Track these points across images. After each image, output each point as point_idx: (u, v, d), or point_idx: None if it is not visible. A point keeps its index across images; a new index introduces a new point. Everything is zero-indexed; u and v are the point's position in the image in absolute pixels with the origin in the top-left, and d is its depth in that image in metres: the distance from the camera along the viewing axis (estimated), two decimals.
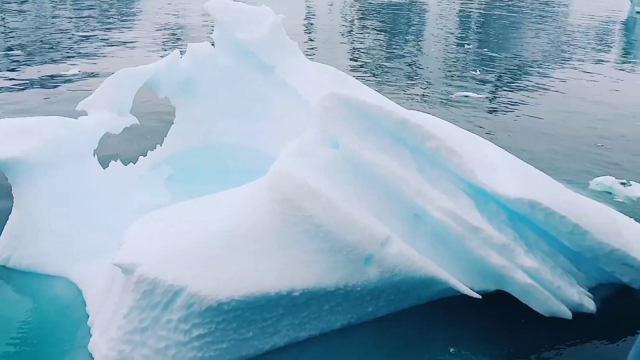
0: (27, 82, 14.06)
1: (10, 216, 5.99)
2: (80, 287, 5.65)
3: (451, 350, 5.15)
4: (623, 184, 9.09)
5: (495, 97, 14.94)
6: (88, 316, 5.21)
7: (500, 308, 5.58)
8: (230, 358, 4.68)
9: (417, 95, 14.81)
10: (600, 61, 20.86)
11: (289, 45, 9.01)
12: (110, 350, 4.50)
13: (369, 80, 15.83)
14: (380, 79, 16.41)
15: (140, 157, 8.05)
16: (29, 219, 5.86)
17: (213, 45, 8.98)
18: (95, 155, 6.80)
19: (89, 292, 5.45)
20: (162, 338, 4.49)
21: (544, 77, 17.68)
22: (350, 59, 19.22)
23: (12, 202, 5.96)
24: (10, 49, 18.07)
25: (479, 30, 28.79)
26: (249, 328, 4.71)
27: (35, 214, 5.86)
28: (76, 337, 4.99)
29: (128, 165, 7.67)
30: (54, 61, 16.52)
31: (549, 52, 22.54)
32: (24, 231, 5.88)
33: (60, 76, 14.76)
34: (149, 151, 8.33)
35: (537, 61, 20.26)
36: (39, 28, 21.81)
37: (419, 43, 23.70)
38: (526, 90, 15.78)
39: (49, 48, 18.47)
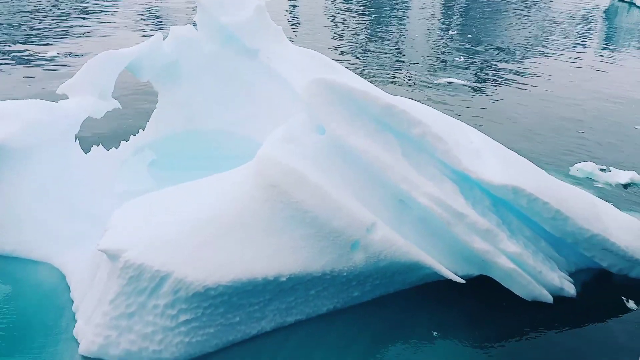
0: (4, 64, 13.70)
1: None
2: (63, 273, 5.58)
3: (434, 334, 5.24)
4: (603, 170, 9.26)
5: (478, 83, 15.03)
6: (72, 302, 5.16)
7: (483, 292, 5.68)
8: (217, 343, 4.69)
9: (402, 80, 14.82)
10: (582, 48, 21.11)
11: (273, 30, 8.90)
12: (97, 336, 4.47)
13: (353, 66, 15.79)
14: (364, 64, 16.37)
15: (123, 142, 7.94)
16: (10, 205, 5.75)
17: (196, 28, 8.84)
18: (77, 140, 6.69)
19: (73, 278, 5.39)
20: (148, 323, 4.48)
21: (527, 64, 17.84)
22: (335, 44, 19.12)
23: None
24: None
25: (463, 16, 28.84)
26: (236, 313, 4.72)
27: (17, 200, 5.75)
28: (60, 323, 4.95)
29: (110, 150, 7.56)
30: (31, 43, 16.09)
31: (531, 39, 22.72)
32: (5, 217, 5.77)
33: (38, 58, 14.41)
34: (132, 136, 8.22)
35: (520, 48, 20.41)
36: (16, 8, 21.21)
37: (403, 29, 23.66)
38: (509, 76, 15.91)
39: (26, 29, 17.98)
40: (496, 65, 17.47)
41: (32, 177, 5.86)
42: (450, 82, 14.77)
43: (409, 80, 14.94)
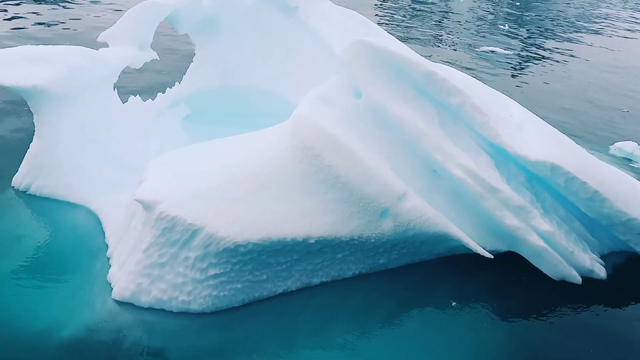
0: (48, 9, 13.81)
1: (31, 145, 6.03)
2: (99, 218, 5.75)
3: (457, 304, 5.25)
4: None
5: (521, 54, 14.52)
6: (107, 247, 5.33)
7: (510, 269, 5.63)
8: (244, 298, 4.80)
9: (444, 47, 14.42)
10: (635, 30, 20.04)
11: None
12: (129, 283, 4.63)
13: (393, 29, 15.39)
14: (405, 29, 15.95)
15: (159, 94, 7.99)
16: (50, 149, 5.90)
17: None
18: (115, 89, 6.76)
19: (108, 224, 5.55)
20: (179, 274, 4.61)
21: (575, 37, 17.10)
22: (376, 6, 18.62)
23: (24, 131, 5.89)
24: None
25: None
26: (264, 271, 4.81)
27: (57, 144, 5.89)
28: (95, 267, 5.13)
29: (147, 101, 7.63)
30: None
31: (583, 11, 21.66)
32: (45, 161, 5.93)
33: (80, 4, 14.47)
34: (168, 89, 8.25)
35: (569, 19, 19.54)
36: None
37: None
38: (555, 50, 15.30)
39: None
40: (542, 36, 16.81)
41: (73, 122, 5.98)
42: (493, 51, 14.30)
43: (451, 47, 14.53)
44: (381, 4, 18.77)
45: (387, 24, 15.95)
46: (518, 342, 4.94)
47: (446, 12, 18.87)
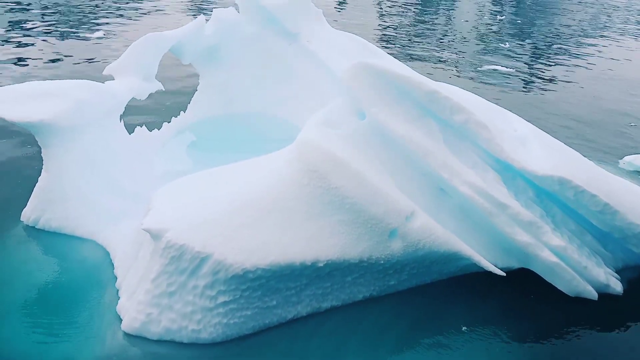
0: (54, 45, 14.10)
1: (39, 178, 6.08)
2: (107, 250, 5.75)
3: (471, 326, 5.15)
4: None
5: (524, 71, 14.57)
6: (116, 279, 5.31)
7: (523, 286, 5.55)
8: (254, 325, 4.75)
9: (445, 66, 14.51)
10: (637, 40, 20.11)
11: (314, 12, 8.83)
12: (139, 313, 4.59)
13: (394, 50, 15.55)
14: (406, 49, 16.10)
15: (165, 124, 8.07)
16: (58, 182, 5.94)
17: (238, 11, 8.85)
18: (122, 121, 6.83)
19: (117, 256, 5.54)
20: (188, 303, 4.57)
21: (577, 53, 17.14)
22: (376, 29, 18.85)
23: (32, 165, 5.94)
24: (33, 12, 18.08)
25: (515, 0, 27.89)
26: (273, 297, 4.76)
27: (64, 177, 5.94)
28: (104, 299, 5.11)
29: (152, 131, 7.70)
30: (80, 25, 16.51)
31: (585, 27, 21.80)
32: (53, 194, 5.97)
33: (86, 39, 14.77)
34: (173, 118, 8.33)
35: (572, 36, 19.64)
36: None
37: (449, 13, 23.09)
38: (558, 65, 15.34)
39: (74, 13, 18.44)
40: (544, 52, 16.89)
41: (79, 155, 6.03)
42: (495, 70, 14.37)
43: (453, 66, 14.62)
44: (382, 27, 19.00)
45: (387, 46, 16.11)
46: None
47: (446, 31, 19.06)
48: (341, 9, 22.13)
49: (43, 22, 16.63)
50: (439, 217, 5.40)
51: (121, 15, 18.13)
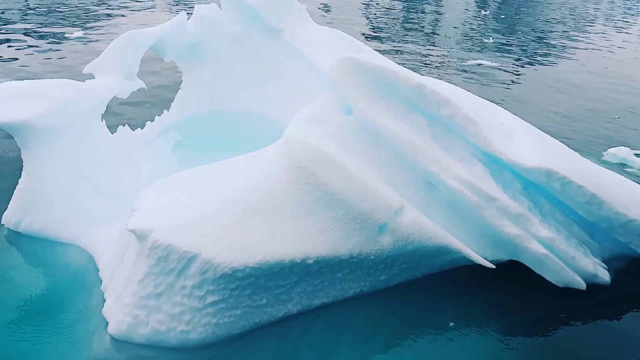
0: (32, 44, 13.83)
1: (20, 180, 5.92)
2: (91, 254, 5.62)
3: (462, 319, 5.15)
4: (638, 155, 8.95)
5: (509, 66, 14.65)
6: (101, 282, 5.20)
7: (513, 278, 5.56)
8: (244, 324, 4.68)
9: (431, 61, 14.53)
10: (623, 33, 20.36)
11: (297, 8, 8.77)
12: (126, 316, 4.49)
13: (379, 46, 15.54)
14: (392, 45, 16.09)
15: (148, 123, 7.94)
16: (39, 184, 5.79)
17: (220, 7, 8.74)
18: (103, 120, 6.69)
19: (101, 258, 5.43)
20: (176, 304, 4.48)
21: (562, 46, 17.30)
22: (361, 25, 18.83)
23: (13, 167, 5.80)
24: (11, 12, 17.72)
25: None
26: (263, 295, 4.70)
27: (46, 179, 5.79)
28: (90, 303, 4.99)
29: (136, 130, 7.57)
30: (58, 24, 16.21)
31: (569, 21, 22.02)
32: (34, 196, 5.82)
33: (65, 38, 14.50)
34: (157, 116, 8.21)
35: (556, 30, 19.82)
36: None
37: (435, 9, 23.15)
38: (542, 58, 15.47)
39: (52, 11, 18.11)
40: (528, 46, 17.02)
41: (61, 156, 5.88)
42: (480, 64, 14.43)
43: (439, 61, 14.65)
44: (367, 23, 18.99)
45: (373, 42, 16.10)
46: (527, 356, 4.84)
47: (432, 27, 19.10)
48: (326, 7, 22.07)
49: (21, 22, 16.31)
50: (428, 211, 5.38)
51: (101, 15, 17.86)
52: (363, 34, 17.25)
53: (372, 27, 18.72)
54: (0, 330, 4.65)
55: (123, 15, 17.83)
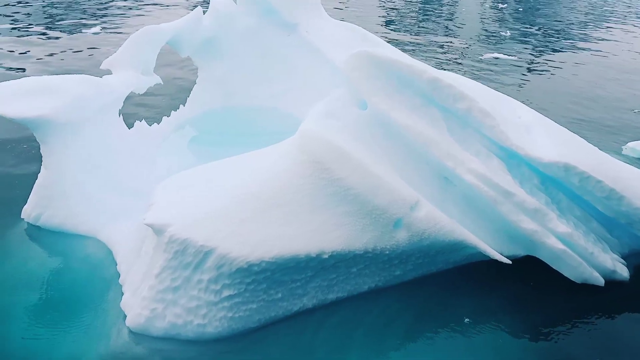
0: (51, 40, 13.99)
1: (39, 175, 6.01)
2: (109, 247, 5.70)
3: (478, 315, 5.12)
4: None
5: (527, 59, 14.45)
6: (119, 275, 5.27)
7: (530, 273, 5.51)
8: (260, 319, 4.71)
9: (447, 55, 14.40)
10: None
11: (312, 3, 8.73)
12: (143, 309, 4.55)
13: (395, 40, 15.44)
14: (407, 39, 15.97)
15: (164, 118, 7.99)
16: (58, 179, 5.87)
17: (235, 2, 8.74)
18: (121, 115, 6.76)
19: (119, 252, 5.50)
20: (193, 297, 4.53)
21: (581, 40, 17.00)
22: (376, 18, 18.71)
23: (32, 162, 5.89)
24: (29, 9, 17.95)
25: None
26: (278, 289, 4.72)
27: (64, 173, 5.87)
28: (108, 296, 5.06)
29: (152, 125, 7.63)
30: (76, 20, 16.38)
31: (589, 14, 21.62)
32: (53, 190, 5.91)
33: (83, 34, 14.65)
34: (172, 112, 8.26)
35: (575, 23, 19.49)
36: None
37: (451, 3, 22.91)
38: (561, 52, 15.23)
39: (71, 7, 18.30)
40: (546, 40, 16.77)
41: (79, 151, 5.96)
42: (497, 57, 14.26)
43: (455, 55, 14.51)
44: (383, 17, 18.86)
45: (388, 36, 16.00)
46: (543, 353, 4.80)
47: (449, 20, 18.92)
48: (341, 0, 21.98)
49: (40, 18, 16.51)
50: (444, 206, 5.35)
51: (118, 11, 18.00)
52: (378, 27, 17.15)
53: (387, 20, 18.60)
54: (20, 322, 4.74)
55: (139, 10, 17.95)
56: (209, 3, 8.65)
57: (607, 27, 19.44)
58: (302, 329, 4.79)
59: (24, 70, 11.40)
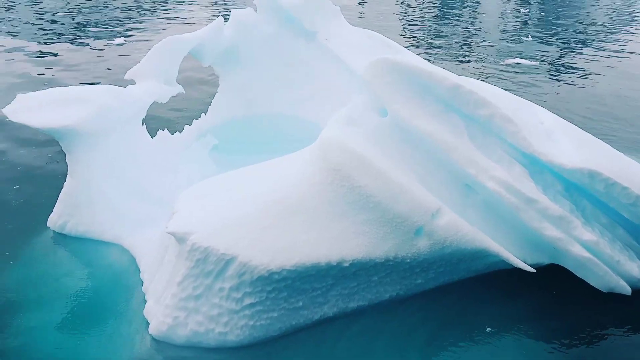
0: (77, 52, 14.32)
1: (65, 184, 6.15)
2: (133, 255, 5.78)
3: (501, 324, 5.04)
4: None
5: (549, 65, 14.27)
6: (142, 283, 5.34)
7: (554, 282, 5.41)
8: (281, 327, 4.72)
9: (467, 61, 14.31)
10: None
11: (332, 10, 8.77)
12: (166, 317, 4.61)
13: (415, 46, 15.39)
14: (428, 45, 15.92)
15: (186, 127, 8.10)
16: (83, 187, 6.00)
17: (256, 11, 8.84)
18: (144, 125, 6.88)
19: (143, 260, 5.58)
20: (214, 306, 4.57)
21: (604, 46, 16.70)
22: (397, 25, 18.70)
23: (58, 171, 6.03)
24: (55, 23, 18.41)
25: None
26: (299, 297, 4.73)
27: (89, 182, 6.00)
28: (132, 303, 5.14)
29: (175, 134, 7.74)
30: (101, 32, 16.74)
31: (612, 21, 21.24)
32: (78, 199, 6.04)
33: (107, 46, 14.96)
34: (194, 120, 8.36)
35: (598, 30, 19.16)
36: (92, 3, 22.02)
37: (473, 7, 22.77)
38: (583, 58, 14.99)
39: (96, 20, 18.71)
40: (569, 46, 16.53)
41: (103, 160, 6.09)
42: (518, 63, 14.11)
43: (476, 61, 14.40)
44: (403, 24, 18.84)
45: (408, 42, 15.96)
46: None
47: (470, 26, 18.80)
48: (362, 7, 22.03)
49: (65, 30, 16.91)
50: (466, 213, 5.30)
51: (142, 23, 18.34)
52: (397, 34, 17.14)
53: (407, 27, 18.57)
54: (46, 328, 4.84)
55: (162, 23, 18.25)
56: (229, 12, 8.75)
57: (632, 31, 19.08)
58: (323, 338, 4.78)
59: (49, 81, 11.67)
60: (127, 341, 4.69)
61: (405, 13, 21.16)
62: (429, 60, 8.62)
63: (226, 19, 8.56)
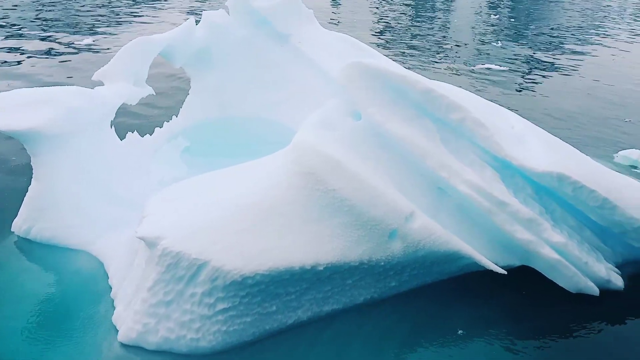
0: (42, 52, 13.93)
1: (30, 187, 5.94)
2: (101, 260, 5.62)
3: (474, 326, 5.10)
4: None
5: (517, 70, 14.57)
6: (110, 289, 5.20)
7: (525, 284, 5.50)
8: (254, 332, 4.65)
9: (439, 65, 14.48)
10: (634, 36, 20.18)
11: (305, 13, 8.76)
12: (135, 323, 4.49)
13: (388, 50, 15.51)
14: (400, 49, 16.06)
15: (157, 129, 7.95)
16: (49, 191, 5.81)
17: (228, 13, 8.76)
18: (113, 127, 6.71)
19: (111, 265, 5.43)
20: (186, 311, 4.47)
21: (573, 50, 17.17)
22: (369, 29, 18.81)
23: (22, 174, 5.83)
24: (22, 21, 17.89)
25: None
26: (273, 302, 4.67)
27: (55, 186, 5.81)
28: (100, 310, 4.99)
29: (144, 136, 7.58)
30: (68, 32, 16.33)
31: (581, 25, 21.85)
32: (44, 203, 5.84)
33: (74, 46, 14.60)
34: (165, 123, 8.22)
35: (566, 34, 19.69)
36: (60, 2, 21.49)
37: (445, 12, 23.09)
38: (552, 62, 15.36)
39: (62, 19, 18.26)
40: (538, 50, 16.91)
41: (70, 163, 5.90)
42: (489, 68, 14.36)
43: (447, 66, 14.60)
44: (376, 27, 18.97)
45: (380, 46, 16.08)
46: None
47: (441, 31, 19.05)
48: (335, 8, 22.10)
49: (32, 29, 16.44)
50: (439, 217, 5.34)
51: (111, 23, 17.98)
52: (370, 38, 17.24)
53: (380, 30, 18.71)
54: (11, 336, 4.65)
55: (131, 23, 17.93)
56: (201, 14, 8.65)
57: (599, 37, 19.68)
58: (297, 342, 4.74)
59: (14, 82, 11.32)
60: (95, 348, 4.54)
61: (377, 18, 21.33)
62: (402, 64, 8.69)
63: (198, 22, 8.45)
